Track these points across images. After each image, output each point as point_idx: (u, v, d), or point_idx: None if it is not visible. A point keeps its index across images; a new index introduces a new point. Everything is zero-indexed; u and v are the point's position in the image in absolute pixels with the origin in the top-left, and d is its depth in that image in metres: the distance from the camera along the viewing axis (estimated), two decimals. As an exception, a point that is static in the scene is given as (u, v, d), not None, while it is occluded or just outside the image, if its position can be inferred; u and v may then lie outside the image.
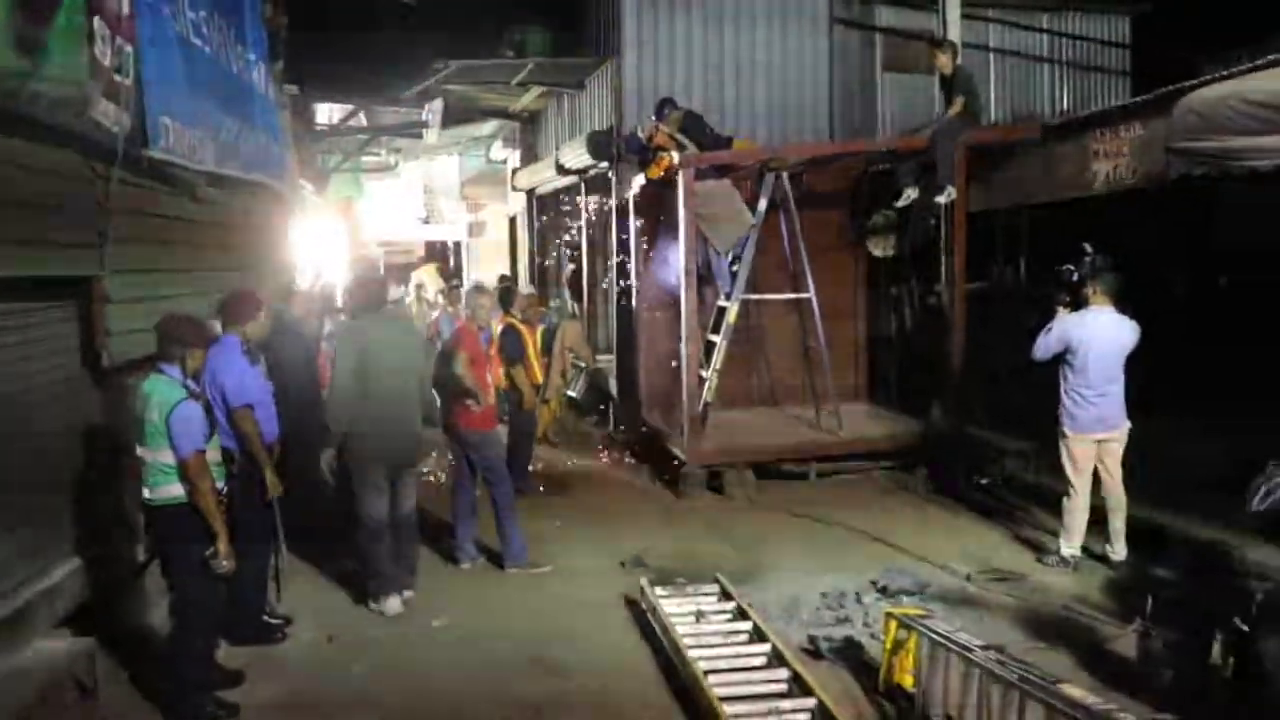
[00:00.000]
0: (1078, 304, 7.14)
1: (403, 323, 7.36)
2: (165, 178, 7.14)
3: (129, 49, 6.00)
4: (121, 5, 5.95)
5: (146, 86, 6.30)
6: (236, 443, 5.80)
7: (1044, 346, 7.18)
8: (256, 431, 5.81)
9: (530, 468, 10.14)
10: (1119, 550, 7.20)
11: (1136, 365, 7.12)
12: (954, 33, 11.48)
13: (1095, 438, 7.11)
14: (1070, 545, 7.24)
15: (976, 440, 9.97)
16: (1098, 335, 7.00)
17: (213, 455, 5.07)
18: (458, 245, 24.73)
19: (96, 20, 5.55)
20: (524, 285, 15.32)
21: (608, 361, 13.27)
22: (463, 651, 6.11)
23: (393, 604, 6.60)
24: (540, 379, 8.38)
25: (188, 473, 4.87)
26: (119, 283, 6.31)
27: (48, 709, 4.62)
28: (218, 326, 6.18)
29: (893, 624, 5.05)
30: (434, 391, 7.15)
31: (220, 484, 5.15)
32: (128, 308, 6.40)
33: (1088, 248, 7.14)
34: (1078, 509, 7.22)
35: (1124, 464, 7.18)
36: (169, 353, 5.06)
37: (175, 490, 4.94)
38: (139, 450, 5.03)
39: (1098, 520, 7.32)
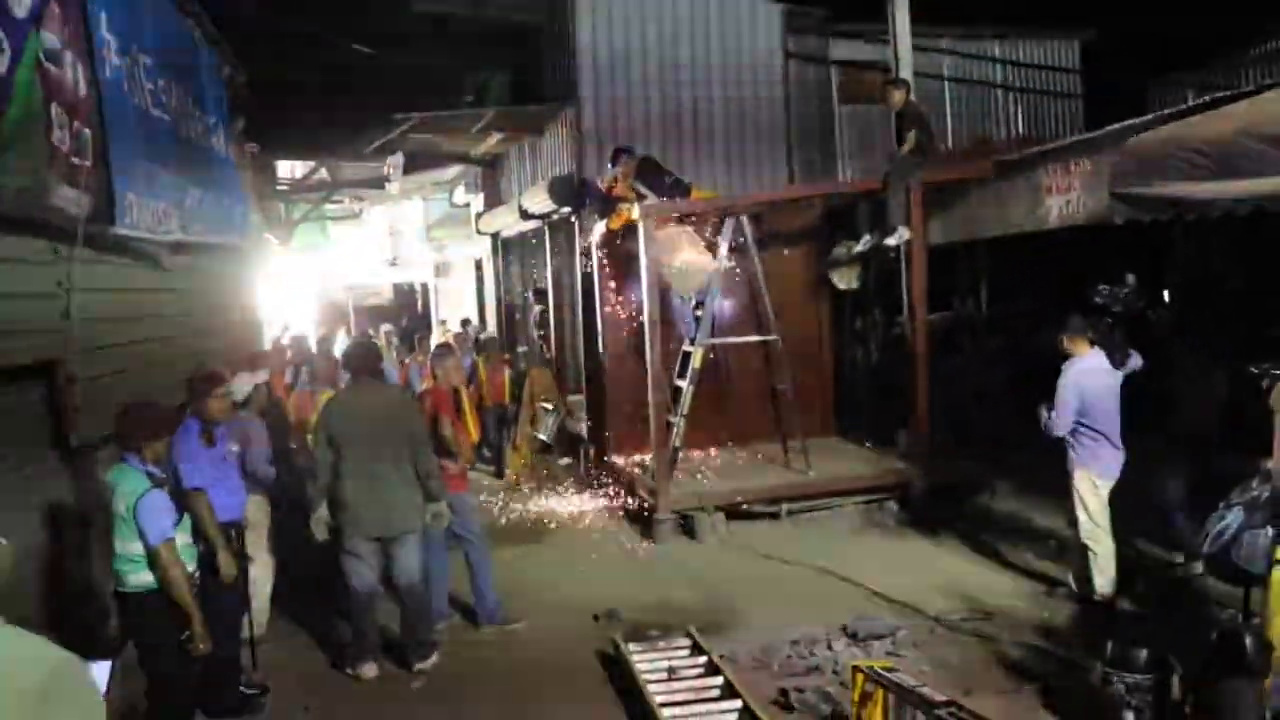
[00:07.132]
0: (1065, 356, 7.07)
1: (393, 390, 7.33)
2: (130, 250, 7.19)
3: (87, 132, 6.03)
4: (79, 89, 5.98)
5: (110, 165, 6.35)
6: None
7: (1061, 423, 6.93)
8: (209, 514, 5.76)
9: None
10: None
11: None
12: (906, 62, 11.65)
13: (1112, 480, 7.01)
14: (1106, 582, 7.02)
15: (944, 469, 10.08)
16: (1101, 381, 6.95)
17: (182, 539, 5.09)
18: (425, 287, 24.80)
19: (54, 107, 5.57)
20: (490, 329, 15.33)
21: (577, 401, 13.30)
22: (439, 717, 6.16)
23: (368, 669, 6.61)
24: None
25: (158, 561, 4.88)
26: (86, 361, 6.34)
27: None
28: None
29: (859, 677, 5.12)
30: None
31: (192, 566, 5.17)
32: (96, 384, 6.43)
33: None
34: (1107, 552, 7.00)
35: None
36: (129, 443, 5.07)
37: (146, 578, 4.95)
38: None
39: (1064, 550, 7.41)
